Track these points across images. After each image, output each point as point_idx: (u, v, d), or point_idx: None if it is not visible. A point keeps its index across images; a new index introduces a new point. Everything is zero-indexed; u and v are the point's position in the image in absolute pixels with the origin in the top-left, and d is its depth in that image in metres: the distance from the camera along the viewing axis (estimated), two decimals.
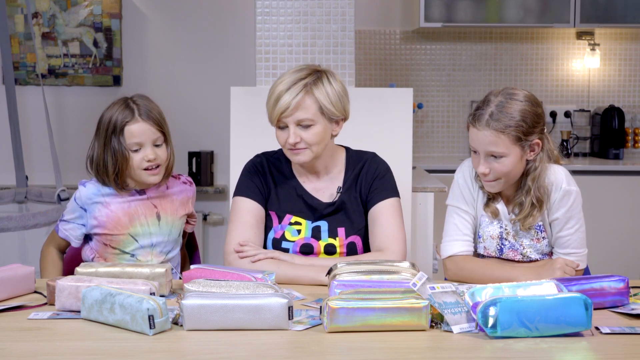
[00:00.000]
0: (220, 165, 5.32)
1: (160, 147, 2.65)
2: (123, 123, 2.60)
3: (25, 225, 3.92)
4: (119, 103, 2.65)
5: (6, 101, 4.66)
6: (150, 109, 2.64)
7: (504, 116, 2.42)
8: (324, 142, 2.59)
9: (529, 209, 2.50)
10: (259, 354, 1.87)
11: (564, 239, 2.53)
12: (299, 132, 2.54)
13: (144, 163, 2.62)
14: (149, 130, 2.62)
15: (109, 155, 2.62)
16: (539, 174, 2.49)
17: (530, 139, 2.45)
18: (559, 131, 5.47)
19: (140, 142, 2.61)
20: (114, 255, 2.68)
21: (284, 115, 2.53)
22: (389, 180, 2.67)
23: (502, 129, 2.42)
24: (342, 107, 2.59)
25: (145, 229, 2.69)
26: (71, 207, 2.72)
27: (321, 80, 2.56)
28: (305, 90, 2.53)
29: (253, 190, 2.65)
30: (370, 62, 5.51)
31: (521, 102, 2.45)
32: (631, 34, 5.53)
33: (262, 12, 3.63)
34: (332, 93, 2.56)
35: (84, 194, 2.69)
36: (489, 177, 2.48)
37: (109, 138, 2.61)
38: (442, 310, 2.01)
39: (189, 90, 5.35)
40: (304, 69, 2.59)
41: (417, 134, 5.47)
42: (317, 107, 2.54)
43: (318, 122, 2.55)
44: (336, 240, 2.62)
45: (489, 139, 2.43)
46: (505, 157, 2.44)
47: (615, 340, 1.98)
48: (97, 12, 5.29)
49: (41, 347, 1.90)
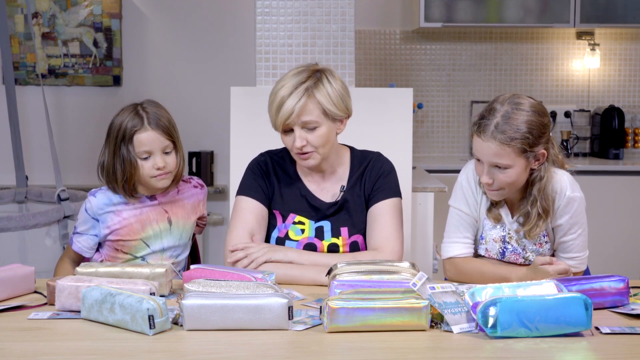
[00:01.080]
0: (220, 165, 5.32)
1: (170, 155, 2.64)
2: (132, 131, 2.59)
3: (25, 225, 3.92)
4: (129, 110, 2.63)
5: (6, 101, 4.66)
6: (160, 116, 2.62)
7: (509, 128, 2.37)
8: (330, 144, 2.59)
9: (535, 219, 2.47)
10: (259, 354, 1.87)
11: (567, 244, 2.52)
12: (305, 135, 2.55)
13: (154, 171, 2.61)
14: (158, 139, 2.61)
15: (118, 163, 2.61)
16: (545, 184, 2.45)
17: (535, 150, 2.41)
18: (559, 131, 5.47)
19: (149, 151, 2.60)
20: (125, 261, 2.68)
21: (288, 121, 2.53)
22: (392, 179, 2.67)
23: (508, 141, 2.37)
24: (345, 106, 2.60)
25: (157, 234, 2.69)
26: (82, 218, 2.70)
27: (321, 82, 2.56)
28: (308, 95, 2.53)
29: (256, 190, 2.65)
30: (370, 62, 5.51)
31: (527, 113, 2.40)
32: (631, 34, 5.54)
33: (262, 12, 3.63)
34: (333, 93, 2.56)
35: (95, 204, 2.68)
36: (492, 186, 2.46)
37: (119, 146, 2.60)
38: (442, 310, 2.01)
39: (189, 90, 5.35)
40: (304, 70, 2.58)
41: (417, 134, 5.47)
42: (320, 110, 2.54)
43: (322, 123, 2.55)
44: (339, 240, 2.62)
45: (494, 150, 2.39)
46: (509, 169, 2.40)
47: (615, 340, 1.98)
48: (97, 12, 5.29)
49: (41, 347, 1.90)
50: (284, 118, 2.52)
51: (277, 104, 2.54)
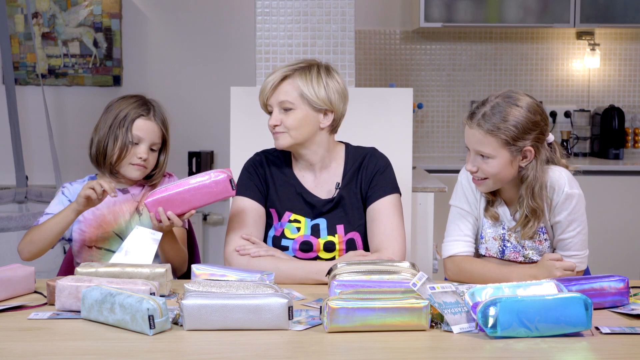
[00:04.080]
0: (220, 165, 5.32)
1: (153, 153, 2.72)
2: (137, 114, 2.68)
3: (25, 225, 3.93)
4: (136, 98, 2.74)
5: (6, 101, 4.67)
6: (163, 113, 2.75)
7: (495, 118, 2.42)
8: (305, 130, 2.60)
9: (524, 219, 2.49)
10: (259, 354, 1.87)
11: (566, 241, 2.53)
12: (280, 116, 2.59)
13: (135, 159, 2.68)
14: (154, 131, 2.70)
15: (111, 141, 2.67)
16: (533, 185, 2.46)
17: (519, 144, 2.43)
18: (559, 131, 5.47)
19: (141, 138, 2.68)
20: (101, 257, 2.69)
21: (266, 98, 2.60)
22: (389, 175, 2.67)
23: (491, 130, 2.42)
24: (327, 98, 2.59)
25: (128, 225, 2.71)
26: (57, 200, 2.75)
27: (310, 70, 2.60)
28: (287, 76, 2.59)
29: (252, 190, 2.65)
30: (370, 62, 5.51)
31: (518, 108, 2.44)
32: (631, 34, 5.53)
33: (262, 12, 3.63)
34: (316, 82, 2.58)
35: (73, 190, 2.75)
36: (476, 175, 2.50)
37: (117, 126, 2.67)
38: (442, 310, 2.01)
39: (189, 90, 5.35)
40: (301, 61, 2.64)
41: (417, 134, 5.47)
42: (297, 93, 2.58)
43: (299, 107, 2.58)
44: (335, 237, 2.62)
45: (477, 137, 2.45)
46: (492, 159, 2.44)
47: (615, 340, 1.98)
48: (97, 12, 5.29)
49: (41, 347, 1.90)
50: (262, 94, 2.61)
51: (262, 84, 2.63)
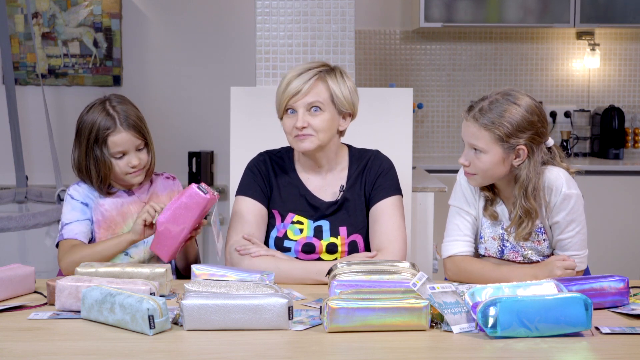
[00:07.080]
0: (220, 165, 5.32)
1: (142, 151, 2.68)
2: (105, 134, 2.61)
3: (25, 225, 3.93)
4: (98, 109, 2.65)
5: (6, 101, 4.67)
6: (129, 114, 2.64)
7: (491, 113, 2.44)
8: (331, 133, 2.59)
9: (517, 220, 2.49)
10: (259, 354, 1.87)
11: (565, 241, 2.52)
12: (307, 118, 2.55)
13: (128, 169, 2.65)
14: (130, 139, 2.63)
15: (92, 163, 2.65)
16: (526, 185, 2.46)
17: (512, 142, 2.43)
18: (559, 131, 5.47)
19: (123, 151, 2.64)
20: None
21: (294, 99, 2.55)
22: (392, 177, 2.67)
23: (485, 124, 2.43)
24: (352, 102, 2.62)
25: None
26: (69, 207, 2.69)
27: (334, 72, 2.61)
28: (319, 77, 2.57)
29: (255, 190, 2.65)
30: (370, 62, 5.51)
31: (515, 106, 2.44)
32: (631, 34, 5.53)
33: (262, 12, 3.63)
34: (344, 85, 2.60)
35: (81, 192, 2.71)
36: (468, 169, 2.51)
37: (92, 147, 2.64)
38: (442, 310, 2.01)
39: (189, 90, 5.35)
40: (317, 62, 2.64)
41: (417, 134, 5.47)
42: (328, 95, 2.57)
43: (327, 109, 2.57)
44: (338, 239, 2.62)
45: (472, 130, 2.46)
46: (484, 154, 2.45)
47: (615, 340, 1.98)
48: (97, 12, 5.29)
49: (41, 347, 1.90)
50: (290, 95, 2.55)
51: (285, 83, 2.57)
